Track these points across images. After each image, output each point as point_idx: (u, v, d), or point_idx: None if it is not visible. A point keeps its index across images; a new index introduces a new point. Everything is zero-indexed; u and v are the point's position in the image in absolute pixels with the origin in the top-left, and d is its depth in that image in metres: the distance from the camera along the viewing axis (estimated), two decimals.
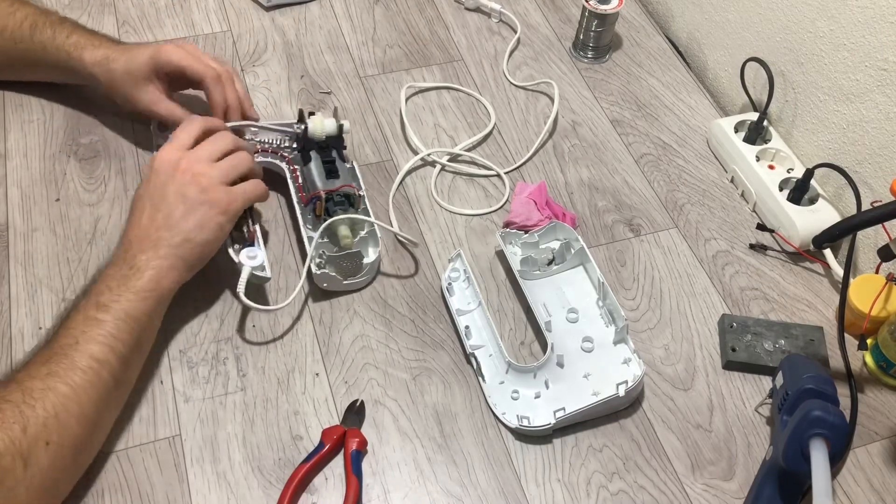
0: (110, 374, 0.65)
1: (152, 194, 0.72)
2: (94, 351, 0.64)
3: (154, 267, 0.69)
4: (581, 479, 0.70)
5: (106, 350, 0.65)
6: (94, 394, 0.63)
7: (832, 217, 0.85)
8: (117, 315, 0.66)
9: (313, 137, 0.85)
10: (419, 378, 0.75)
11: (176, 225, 0.71)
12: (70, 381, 0.62)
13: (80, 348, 0.64)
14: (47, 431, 0.60)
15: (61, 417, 0.61)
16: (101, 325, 0.65)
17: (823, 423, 0.60)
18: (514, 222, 0.85)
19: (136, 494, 0.67)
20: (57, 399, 0.61)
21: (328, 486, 0.68)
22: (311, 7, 1.09)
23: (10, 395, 0.60)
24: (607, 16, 1.01)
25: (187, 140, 0.76)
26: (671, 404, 0.75)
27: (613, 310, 0.77)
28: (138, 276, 0.69)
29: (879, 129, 0.82)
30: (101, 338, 0.65)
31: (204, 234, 0.72)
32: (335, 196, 0.81)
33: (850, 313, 0.80)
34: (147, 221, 0.71)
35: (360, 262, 0.79)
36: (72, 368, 0.63)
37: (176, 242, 0.71)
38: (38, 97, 0.94)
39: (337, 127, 0.85)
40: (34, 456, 0.59)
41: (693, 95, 1.03)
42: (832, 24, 0.85)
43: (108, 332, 0.65)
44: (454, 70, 1.03)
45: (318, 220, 0.79)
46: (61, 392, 0.61)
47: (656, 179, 0.93)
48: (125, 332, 0.66)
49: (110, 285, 0.68)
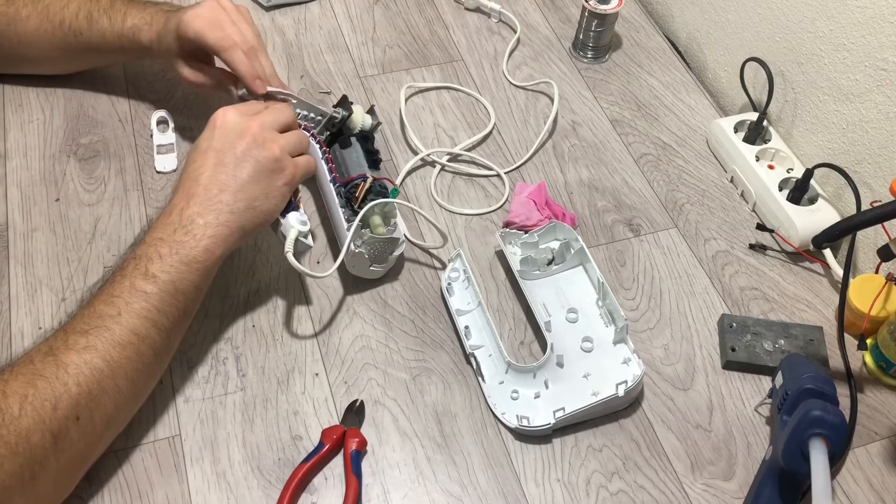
0: (150, 348, 0.64)
1: (219, 150, 0.69)
2: (136, 325, 0.63)
3: (211, 235, 0.67)
4: (581, 478, 0.70)
5: (148, 325, 0.63)
6: (132, 369, 0.63)
7: (832, 217, 0.85)
8: (164, 288, 0.64)
9: (350, 126, 0.85)
10: (419, 378, 0.75)
11: (242, 189, 0.68)
12: (108, 356, 0.61)
13: (121, 321, 0.62)
14: (79, 408, 0.59)
15: (94, 394, 0.60)
16: (146, 298, 0.63)
17: (823, 423, 0.60)
18: (513, 222, 0.85)
19: (135, 494, 0.67)
20: (92, 375, 0.60)
21: (328, 486, 0.68)
22: (310, 7, 1.09)
23: (46, 369, 0.59)
24: (607, 16, 1.01)
25: (251, 110, 0.73)
26: (671, 404, 0.75)
27: (613, 310, 0.77)
28: (193, 244, 0.66)
29: (879, 129, 0.82)
30: (146, 311, 0.63)
31: (268, 203, 0.70)
32: (376, 184, 0.80)
33: (849, 313, 0.80)
34: (208, 179, 0.68)
35: (392, 250, 0.78)
36: (111, 343, 0.61)
37: (239, 208, 0.68)
38: (38, 97, 0.94)
39: (373, 124, 0.86)
40: (64, 432, 0.58)
41: (693, 95, 1.03)
42: (832, 24, 0.85)
43: (153, 305, 0.64)
44: (454, 70, 1.03)
45: (353, 203, 0.78)
46: (97, 367, 0.60)
47: (656, 179, 0.93)
48: (170, 305, 0.65)
49: (161, 252, 0.65)
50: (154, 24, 0.83)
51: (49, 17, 0.86)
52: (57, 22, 0.86)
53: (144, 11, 0.85)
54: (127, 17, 0.85)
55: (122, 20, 0.85)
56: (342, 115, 0.85)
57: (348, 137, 0.85)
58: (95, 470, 0.67)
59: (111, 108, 0.94)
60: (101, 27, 0.85)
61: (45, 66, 0.93)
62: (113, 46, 0.86)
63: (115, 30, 0.85)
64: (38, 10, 0.86)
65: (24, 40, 0.88)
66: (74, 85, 0.95)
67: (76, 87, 0.95)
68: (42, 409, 0.58)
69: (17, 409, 0.57)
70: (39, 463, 0.57)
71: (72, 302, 0.77)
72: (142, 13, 0.85)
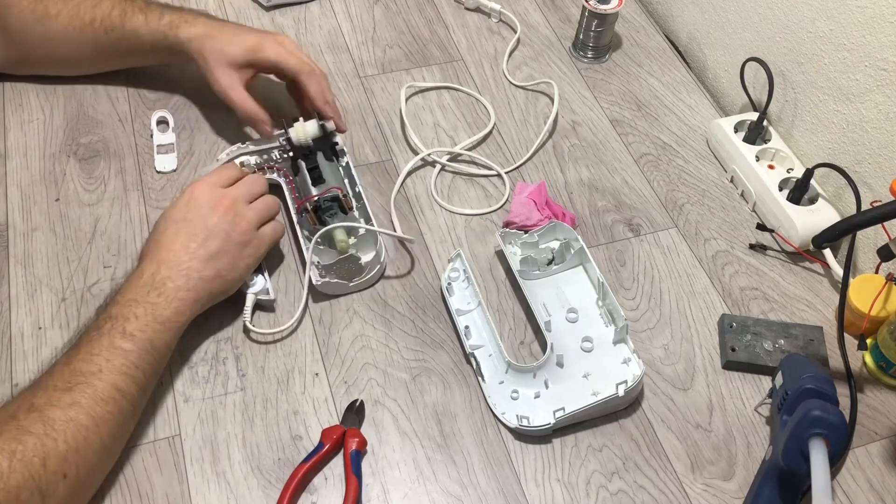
0: (130, 404, 0.65)
1: (191, 221, 0.72)
2: (118, 381, 0.64)
3: (181, 298, 0.69)
4: (581, 478, 0.70)
5: (128, 381, 0.65)
6: (115, 425, 0.63)
7: (832, 217, 0.85)
8: (142, 346, 0.66)
9: (300, 144, 0.85)
10: (419, 378, 0.75)
11: (211, 259, 0.71)
12: (93, 412, 0.62)
13: (103, 377, 0.63)
14: (67, 465, 0.59)
15: (81, 451, 0.60)
16: (125, 356, 0.65)
17: (823, 423, 0.60)
18: (513, 222, 0.85)
19: (135, 494, 0.67)
20: (78, 432, 0.60)
21: (328, 485, 0.68)
22: (310, 7, 1.09)
23: (32, 425, 0.59)
24: (607, 16, 1.01)
25: (225, 180, 0.76)
26: (671, 404, 0.75)
27: (613, 310, 0.77)
28: (165, 306, 0.68)
29: (879, 129, 0.82)
30: (126, 368, 0.65)
31: (234, 274, 0.74)
32: (322, 202, 0.81)
33: (849, 313, 0.80)
34: (180, 248, 0.71)
35: (360, 264, 0.79)
36: (94, 399, 0.62)
37: (207, 276, 0.71)
38: (38, 97, 0.94)
39: (319, 128, 0.86)
40: (52, 489, 0.58)
41: (693, 95, 1.03)
42: (832, 24, 0.85)
43: (132, 362, 0.65)
44: (454, 70, 1.03)
45: (316, 228, 0.79)
46: (83, 424, 0.61)
47: (656, 179, 0.93)
48: (147, 363, 0.66)
49: (137, 312, 0.67)
50: (199, 24, 0.84)
51: (80, 14, 0.86)
52: (87, 20, 0.86)
53: (186, 13, 0.86)
54: (164, 15, 0.85)
55: (159, 17, 0.85)
56: (282, 141, 0.87)
57: (296, 161, 0.85)
58: None
59: (111, 108, 0.94)
60: (135, 24, 0.85)
61: (75, 67, 0.93)
62: (145, 44, 0.86)
63: (151, 26, 0.85)
64: (69, 7, 0.86)
65: (53, 38, 0.87)
66: (74, 85, 0.95)
67: (76, 86, 0.95)
68: (32, 465, 0.57)
69: (6, 466, 0.56)
70: None
71: (72, 302, 0.77)
72: (182, 13, 0.86)
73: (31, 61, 0.91)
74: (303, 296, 0.78)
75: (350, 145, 0.93)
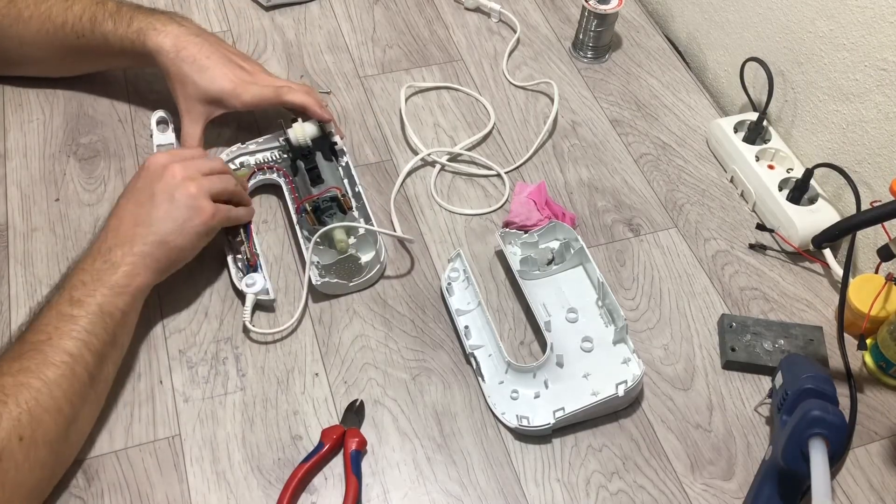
0: (85, 370, 0.65)
1: (139, 189, 0.73)
2: (68, 346, 0.64)
3: (129, 263, 0.69)
4: (580, 478, 0.70)
5: (80, 345, 0.64)
6: (69, 388, 0.63)
7: (832, 217, 0.85)
8: (91, 310, 0.66)
9: (298, 145, 0.85)
10: (419, 378, 0.75)
11: (155, 223, 0.71)
12: (43, 375, 0.62)
13: (52, 343, 0.64)
14: (20, 426, 0.59)
15: (34, 412, 0.61)
16: (74, 321, 0.65)
17: (823, 423, 0.60)
18: (513, 222, 0.85)
19: (135, 494, 0.67)
20: (30, 394, 0.61)
21: (328, 485, 0.68)
22: (310, 7, 1.09)
23: None
24: (607, 16, 1.01)
25: (185, 155, 0.77)
26: (671, 404, 0.75)
27: (613, 310, 0.77)
28: (112, 271, 0.69)
29: (879, 129, 0.82)
30: (75, 333, 0.65)
31: (180, 240, 0.72)
32: (321, 203, 0.81)
33: (849, 313, 0.80)
34: (127, 215, 0.72)
35: (359, 263, 0.79)
36: (44, 364, 0.62)
37: (151, 241, 0.71)
38: (38, 97, 0.94)
39: (318, 128, 0.86)
40: (8, 451, 0.58)
41: (692, 95, 1.03)
42: (832, 23, 0.85)
43: (82, 327, 0.65)
44: (454, 70, 1.03)
45: (315, 228, 0.79)
46: (34, 387, 0.61)
47: (656, 179, 0.93)
48: (99, 328, 0.66)
49: (84, 280, 0.68)
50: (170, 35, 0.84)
51: (51, 18, 0.86)
52: (59, 23, 0.86)
53: (153, 16, 0.86)
54: (133, 20, 0.85)
55: (128, 24, 0.85)
56: (281, 141, 0.87)
57: (295, 162, 0.85)
58: (95, 470, 0.67)
59: (111, 108, 0.94)
60: (105, 30, 0.85)
61: (47, 69, 0.93)
62: (115, 49, 0.86)
63: (119, 33, 0.85)
64: (41, 11, 0.86)
65: (26, 41, 0.88)
66: (74, 85, 0.95)
67: (76, 87, 0.95)
68: None
69: None
70: None
71: None
72: (149, 17, 0.85)
73: (7, 63, 0.92)
74: (302, 295, 0.78)
75: (350, 145, 0.93)
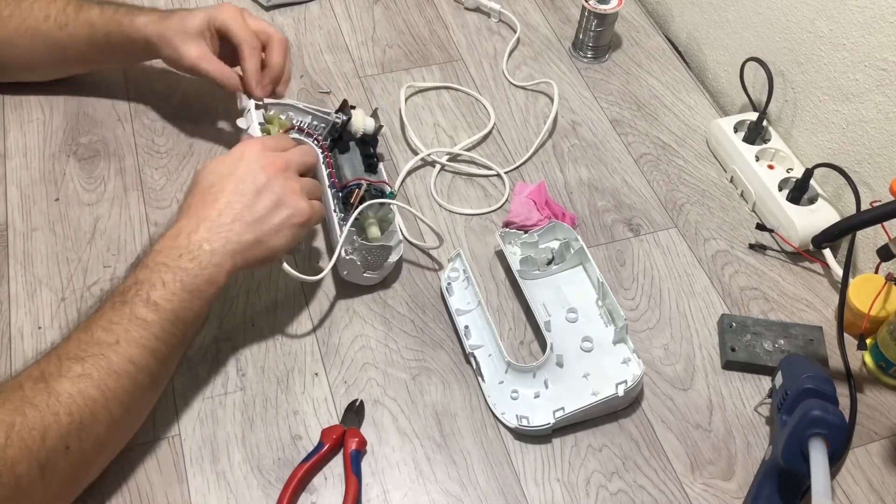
0: (147, 377, 0.62)
1: (240, 178, 0.67)
2: (134, 354, 0.61)
3: (216, 264, 0.65)
4: (580, 478, 0.70)
5: (146, 354, 0.61)
6: (127, 398, 0.61)
7: (831, 217, 0.85)
8: (165, 316, 0.62)
9: (351, 131, 0.85)
10: (418, 378, 0.75)
11: (255, 221, 0.67)
12: (103, 385, 0.59)
13: (119, 349, 0.60)
14: (69, 438, 0.57)
15: (87, 424, 0.58)
16: (146, 327, 0.61)
17: (822, 423, 0.60)
18: (513, 222, 0.85)
19: (135, 494, 0.67)
20: (85, 405, 0.58)
21: (327, 485, 0.68)
22: (310, 7, 1.09)
23: (37, 397, 0.57)
24: (607, 16, 1.01)
25: (277, 146, 0.72)
26: (670, 404, 0.75)
27: (613, 309, 0.77)
28: (197, 272, 0.64)
29: (879, 129, 0.82)
30: (145, 340, 0.61)
31: (277, 240, 0.68)
32: (372, 188, 0.81)
33: (849, 313, 0.80)
34: (224, 206, 0.66)
35: (385, 257, 0.78)
36: (107, 372, 0.59)
37: (247, 241, 0.66)
38: (38, 97, 0.94)
39: (376, 128, 0.87)
40: (52, 461, 0.56)
41: (692, 95, 1.03)
42: (831, 24, 0.85)
43: (153, 333, 0.62)
44: (454, 70, 1.03)
45: (351, 208, 0.78)
46: (91, 397, 0.58)
47: (656, 179, 0.93)
48: (170, 334, 0.63)
49: (165, 279, 0.63)
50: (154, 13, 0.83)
51: (33, 13, 0.84)
52: (41, 17, 0.84)
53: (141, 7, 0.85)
54: (119, 8, 0.84)
55: (114, 10, 0.84)
56: (342, 119, 0.85)
57: (347, 142, 0.85)
58: None
59: (111, 108, 0.94)
60: (90, 15, 0.84)
61: (26, 71, 0.91)
62: (100, 35, 0.84)
63: (106, 16, 0.83)
64: (21, 8, 0.85)
65: (5, 40, 0.86)
66: (74, 85, 0.95)
67: (76, 86, 0.95)
68: (30, 438, 0.55)
69: (2, 438, 0.54)
70: (25, 492, 0.55)
71: (71, 302, 0.77)
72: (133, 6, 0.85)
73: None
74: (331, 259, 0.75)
75: None
